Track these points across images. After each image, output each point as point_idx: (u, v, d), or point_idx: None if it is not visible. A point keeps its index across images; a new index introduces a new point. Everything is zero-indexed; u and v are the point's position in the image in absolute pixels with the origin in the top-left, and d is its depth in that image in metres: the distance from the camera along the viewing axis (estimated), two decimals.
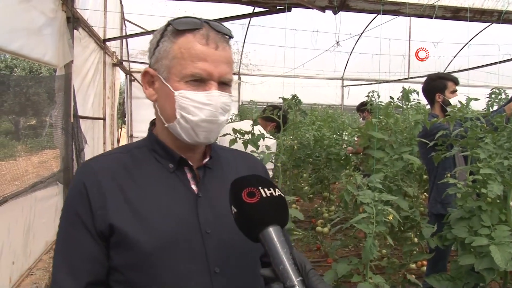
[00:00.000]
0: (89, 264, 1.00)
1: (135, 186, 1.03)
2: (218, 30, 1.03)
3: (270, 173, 3.68)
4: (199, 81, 1.01)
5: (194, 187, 1.08)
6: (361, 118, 5.96)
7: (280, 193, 0.89)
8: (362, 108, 6.01)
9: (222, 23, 1.06)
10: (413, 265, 4.12)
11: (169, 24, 1.04)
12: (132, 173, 1.05)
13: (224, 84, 1.05)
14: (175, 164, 1.08)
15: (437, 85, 3.37)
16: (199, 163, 1.12)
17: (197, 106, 1.01)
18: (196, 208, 1.05)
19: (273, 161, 2.85)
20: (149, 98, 1.09)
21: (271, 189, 0.88)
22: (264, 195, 0.86)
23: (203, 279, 1.01)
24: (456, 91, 3.36)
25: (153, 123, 1.16)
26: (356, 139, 5.48)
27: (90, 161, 1.09)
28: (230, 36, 1.07)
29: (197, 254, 1.02)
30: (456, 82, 3.39)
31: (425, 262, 4.05)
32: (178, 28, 1.01)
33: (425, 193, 5.13)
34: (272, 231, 0.83)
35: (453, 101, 3.21)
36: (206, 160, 1.13)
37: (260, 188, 0.87)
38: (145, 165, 1.08)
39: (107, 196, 1.00)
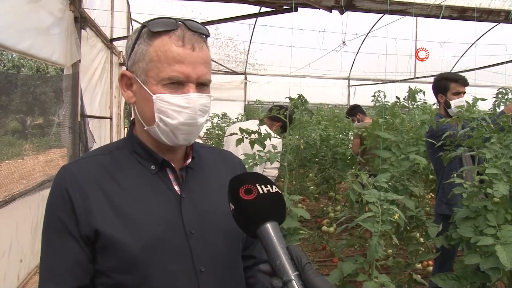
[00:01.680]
0: (74, 271, 0.99)
1: (119, 189, 1.03)
2: (194, 30, 1.02)
3: (276, 172, 3.71)
4: (177, 84, 1.00)
5: (176, 188, 1.08)
6: (356, 121, 5.91)
7: (277, 189, 0.90)
8: (353, 111, 6.01)
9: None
10: (419, 265, 4.12)
11: (144, 25, 1.03)
12: (115, 176, 1.05)
13: (202, 85, 1.04)
14: (157, 166, 1.08)
15: (440, 85, 3.28)
16: (180, 164, 1.13)
17: (175, 110, 1.00)
18: (180, 209, 1.05)
19: (279, 160, 2.86)
20: (128, 100, 1.08)
21: (268, 186, 0.89)
22: (261, 191, 0.87)
23: (189, 278, 1.03)
24: (461, 92, 3.18)
25: (133, 123, 1.15)
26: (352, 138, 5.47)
27: (70, 165, 1.07)
28: (207, 35, 1.06)
29: (183, 254, 1.03)
30: (462, 83, 3.20)
31: (431, 262, 4.04)
32: (153, 30, 1.00)
33: (431, 193, 5.12)
34: (270, 227, 0.84)
35: (461, 101, 3.14)
36: (189, 161, 1.13)
37: (257, 185, 0.88)
38: (126, 166, 1.07)
39: (90, 200, 0.99)
